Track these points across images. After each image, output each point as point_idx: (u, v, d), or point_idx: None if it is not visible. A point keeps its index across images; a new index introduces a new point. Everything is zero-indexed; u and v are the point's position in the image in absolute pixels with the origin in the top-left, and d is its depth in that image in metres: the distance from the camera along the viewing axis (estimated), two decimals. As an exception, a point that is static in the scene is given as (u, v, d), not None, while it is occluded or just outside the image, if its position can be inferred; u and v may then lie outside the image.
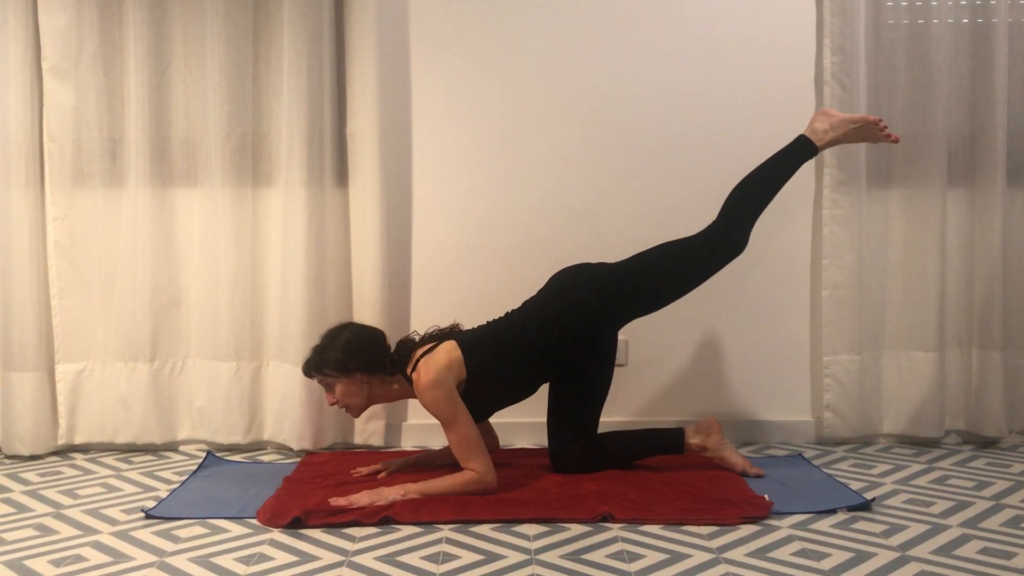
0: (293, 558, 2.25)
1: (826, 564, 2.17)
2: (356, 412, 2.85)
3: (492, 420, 3.05)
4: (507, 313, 2.93)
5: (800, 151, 2.94)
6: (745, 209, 2.91)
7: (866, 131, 2.93)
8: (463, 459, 2.67)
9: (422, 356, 2.77)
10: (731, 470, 2.87)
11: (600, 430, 2.95)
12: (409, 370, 2.78)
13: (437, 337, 2.86)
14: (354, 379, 2.77)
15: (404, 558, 2.25)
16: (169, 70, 3.29)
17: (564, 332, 2.80)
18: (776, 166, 2.94)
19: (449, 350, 2.77)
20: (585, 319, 2.82)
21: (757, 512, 2.51)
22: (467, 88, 3.37)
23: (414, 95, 3.38)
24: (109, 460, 3.25)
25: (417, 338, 2.89)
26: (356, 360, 2.75)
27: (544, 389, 2.97)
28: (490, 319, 2.95)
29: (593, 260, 2.99)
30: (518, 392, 2.93)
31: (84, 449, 3.37)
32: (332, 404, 2.83)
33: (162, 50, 3.28)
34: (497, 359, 2.79)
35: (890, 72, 3.31)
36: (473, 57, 3.36)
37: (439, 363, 2.73)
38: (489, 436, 3.03)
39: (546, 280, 2.95)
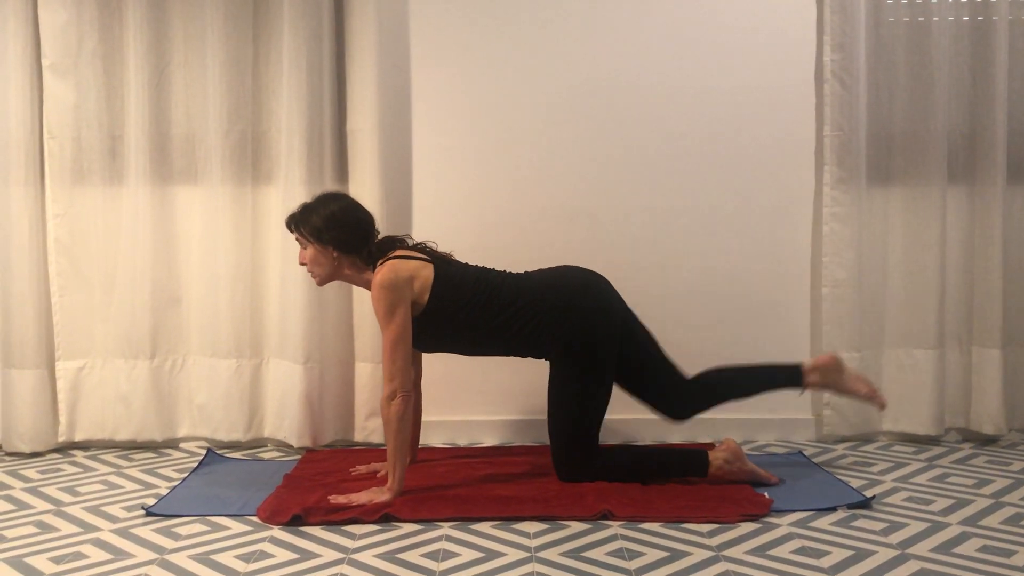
0: (293, 555, 2.26)
1: (826, 562, 2.18)
2: (319, 281, 2.83)
3: (492, 418, 3.04)
4: (504, 272, 2.86)
5: (792, 378, 2.91)
6: (710, 398, 2.92)
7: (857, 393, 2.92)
8: (384, 369, 2.65)
9: (395, 258, 2.72)
10: (762, 483, 2.76)
11: (601, 431, 2.85)
12: (379, 264, 2.73)
13: (423, 253, 2.79)
14: (326, 250, 2.75)
15: (404, 556, 2.25)
16: (169, 68, 3.29)
17: (553, 321, 2.72)
18: (762, 379, 2.94)
19: (423, 267, 2.72)
20: (580, 313, 2.74)
21: (757, 510, 2.51)
22: (467, 85, 3.36)
23: (414, 93, 3.37)
24: (109, 457, 3.25)
25: (410, 243, 2.84)
26: (332, 233, 2.73)
27: (540, 388, 2.92)
28: (489, 267, 2.88)
29: (594, 259, 2.97)
30: (464, 346, 2.85)
31: (84, 446, 3.38)
32: (301, 264, 2.82)
33: (162, 48, 3.27)
34: (463, 311, 2.72)
35: (890, 69, 3.31)
36: (473, 55, 3.36)
37: (403, 271, 2.68)
38: (415, 367, 2.94)
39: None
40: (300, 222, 2.77)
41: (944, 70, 3.26)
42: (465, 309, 2.72)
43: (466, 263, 2.86)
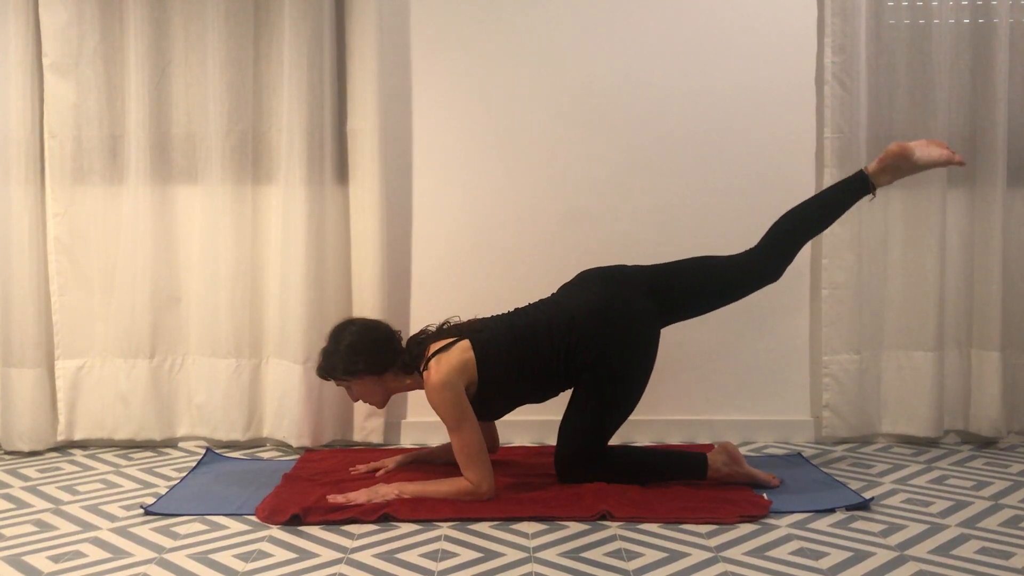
0: (292, 555, 2.26)
1: (824, 563, 2.18)
2: (380, 405, 2.84)
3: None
4: (529, 306, 2.84)
5: (857, 188, 2.87)
6: (791, 243, 2.87)
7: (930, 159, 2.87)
8: (463, 465, 2.62)
9: (435, 354, 2.69)
10: (761, 485, 2.75)
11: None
12: (422, 367, 2.71)
13: (452, 333, 2.76)
14: (366, 379, 2.74)
15: (403, 555, 2.25)
16: (170, 67, 3.29)
17: (586, 339, 2.69)
18: (830, 202, 2.90)
19: (463, 350, 2.68)
20: (609, 330, 2.71)
21: (756, 511, 2.51)
22: (468, 85, 3.37)
23: (414, 93, 3.38)
24: (108, 456, 3.25)
25: (432, 330, 2.81)
26: (361, 362, 2.71)
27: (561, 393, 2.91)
28: (506, 311, 2.86)
29: (594, 259, 2.96)
30: (529, 398, 2.84)
31: (83, 445, 3.38)
32: (356, 401, 2.83)
33: (163, 47, 3.28)
34: (511, 365, 2.70)
35: (891, 72, 3.31)
36: (474, 55, 3.36)
37: (451, 364, 2.64)
38: (490, 435, 3.00)
39: (548, 277, 2.93)
40: (330, 371, 2.75)
41: (944, 73, 3.26)
42: (512, 366, 2.70)
43: (493, 317, 2.84)
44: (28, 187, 3.24)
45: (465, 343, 2.70)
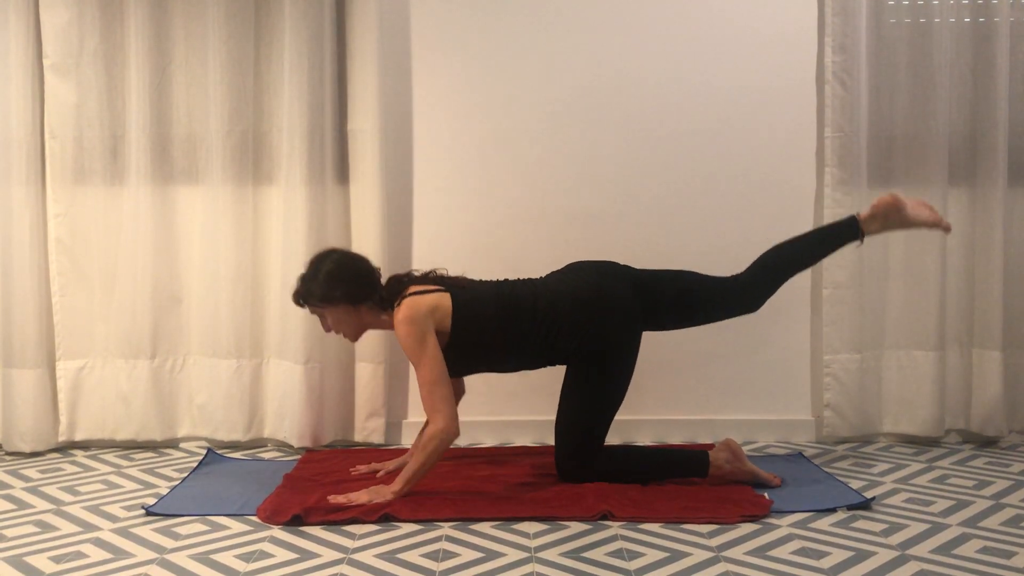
0: (293, 555, 2.26)
1: (826, 563, 2.18)
2: (352, 338, 2.84)
3: (492, 418, 3.04)
4: (517, 280, 2.85)
5: (847, 233, 2.89)
6: (775, 279, 2.89)
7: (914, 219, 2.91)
8: (426, 406, 2.63)
9: (411, 295, 2.71)
10: (763, 484, 2.75)
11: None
12: (396, 303, 2.72)
13: (436, 282, 2.78)
14: (340, 308, 2.74)
15: (404, 555, 2.25)
16: (170, 68, 3.29)
17: (571, 322, 2.72)
18: (818, 242, 2.93)
19: (440, 298, 2.71)
20: (595, 319, 2.73)
21: (757, 511, 2.51)
22: (468, 86, 3.37)
23: (415, 93, 3.38)
24: (110, 457, 3.25)
25: (417, 274, 2.83)
26: (338, 291, 2.72)
27: (540, 388, 2.93)
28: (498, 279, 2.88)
29: (594, 258, 2.97)
30: (498, 365, 2.86)
31: (85, 446, 3.38)
32: (327, 331, 2.82)
33: (163, 48, 3.28)
34: (487, 327, 2.72)
35: (891, 71, 3.31)
36: (474, 55, 3.36)
37: (422, 305, 2.67)
38: (457, 389, 2.97)
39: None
40: (306, 296, 2.75)
41: (945, 72, 3.26)
42: (489, 328, 2.72)
43: (480, 280, 2.86)
44: (29, 188, 3.24)
45: (445, 294, 2.73)
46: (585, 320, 2.73)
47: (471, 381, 3.34)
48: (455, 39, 3.36)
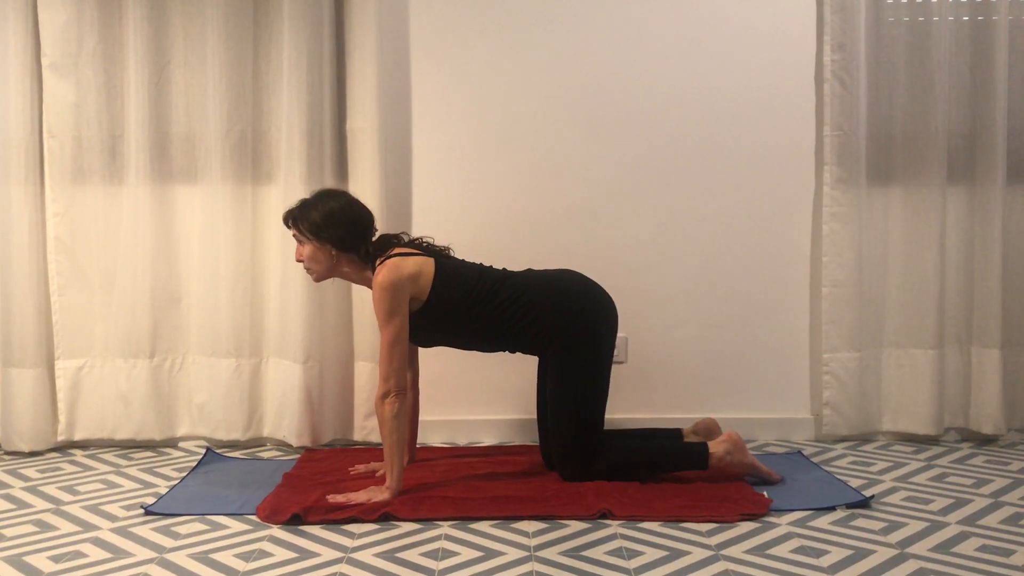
0: (292, 554, 2.26)
1: (825, 561, 2.18)
2: (316, 278, 2.84)
3: (492, 418, 3.04)
4: (505, 270, 2.86)
5: (695, 458, 2.76)
6: (611, 471, 2.75)
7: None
8: (382, 368, 2.63)
9: (395, 256, 2.71)
10: (763, 478, 2.76)
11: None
12: (379, 262, 2.73)
13: (424, 250, 2.79)
14: (324, 248, 2.74)
15: (403, 554, 2.25)
16: (169, 67, 3.29)
17: (556, 311, 2.73)
18: (664, 457, 2.81)
19: (424, 264, 2.72)
20: (580, 306, 2.76)
21: (756, 509, 2.51)
22: (467, 84, 3.36)
23: (414, 92, 3.37)
24: (109, 456, 3.25)
25: (406, 239, 2.84)
26: (331, 231, 2.72)
27: (529, 386, 2.92)
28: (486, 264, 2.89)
29: (594, 258, 2.99)
30: (467, 342, 2.85)
31: (84, 445, 3.37)
32: (298, 261, 2.81)
33: (162, 47, 3.27)
34: (464, 301, 2.72)
35: (890, 69, 3.31)
36: (474, 54, 3.36)
37: (406, 269, 2.68)
38: (412, 365, 2.98)
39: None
40: (299, 218, 2.76)
41: (944, 70, 3.26)
42: (466, 303, 2.73)
43: (464, 259, 2.88)
44: (28, 187, 3.24)
45: (429, 260, 2.73)
46: (573, 308, 2.74)
47: (473, 381, 3.35)
48: (454, 38, 3.35)
